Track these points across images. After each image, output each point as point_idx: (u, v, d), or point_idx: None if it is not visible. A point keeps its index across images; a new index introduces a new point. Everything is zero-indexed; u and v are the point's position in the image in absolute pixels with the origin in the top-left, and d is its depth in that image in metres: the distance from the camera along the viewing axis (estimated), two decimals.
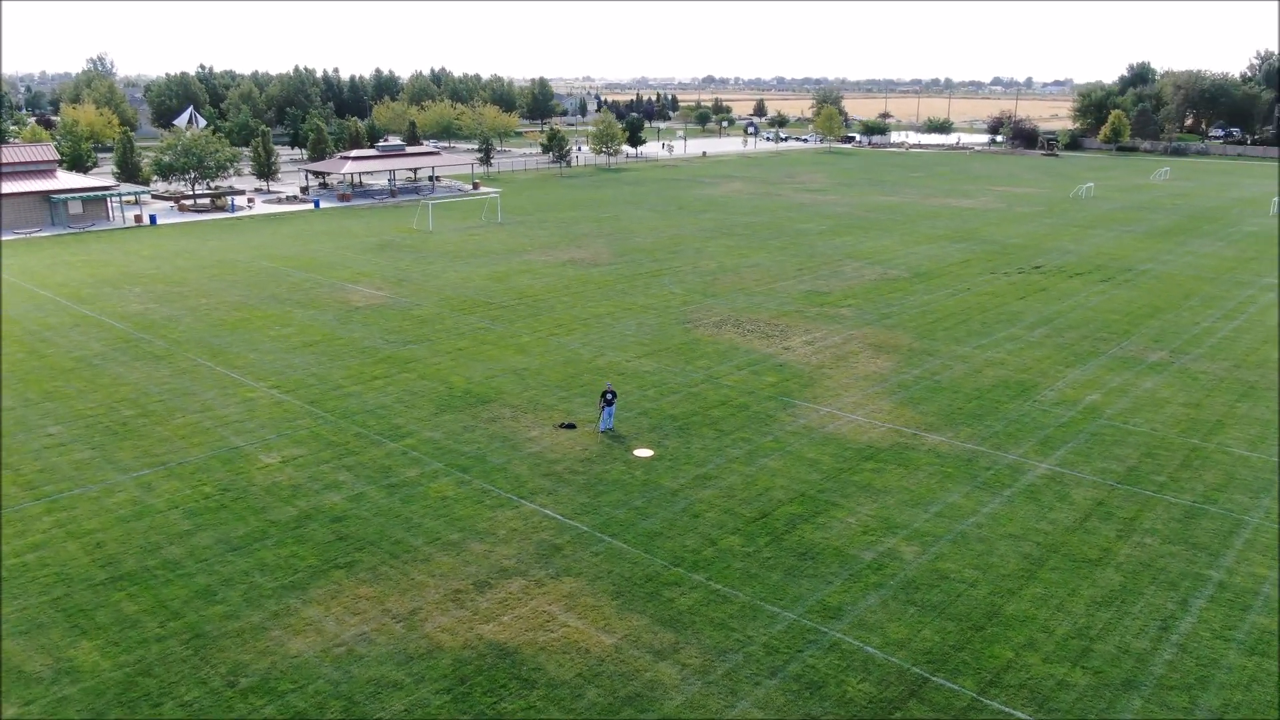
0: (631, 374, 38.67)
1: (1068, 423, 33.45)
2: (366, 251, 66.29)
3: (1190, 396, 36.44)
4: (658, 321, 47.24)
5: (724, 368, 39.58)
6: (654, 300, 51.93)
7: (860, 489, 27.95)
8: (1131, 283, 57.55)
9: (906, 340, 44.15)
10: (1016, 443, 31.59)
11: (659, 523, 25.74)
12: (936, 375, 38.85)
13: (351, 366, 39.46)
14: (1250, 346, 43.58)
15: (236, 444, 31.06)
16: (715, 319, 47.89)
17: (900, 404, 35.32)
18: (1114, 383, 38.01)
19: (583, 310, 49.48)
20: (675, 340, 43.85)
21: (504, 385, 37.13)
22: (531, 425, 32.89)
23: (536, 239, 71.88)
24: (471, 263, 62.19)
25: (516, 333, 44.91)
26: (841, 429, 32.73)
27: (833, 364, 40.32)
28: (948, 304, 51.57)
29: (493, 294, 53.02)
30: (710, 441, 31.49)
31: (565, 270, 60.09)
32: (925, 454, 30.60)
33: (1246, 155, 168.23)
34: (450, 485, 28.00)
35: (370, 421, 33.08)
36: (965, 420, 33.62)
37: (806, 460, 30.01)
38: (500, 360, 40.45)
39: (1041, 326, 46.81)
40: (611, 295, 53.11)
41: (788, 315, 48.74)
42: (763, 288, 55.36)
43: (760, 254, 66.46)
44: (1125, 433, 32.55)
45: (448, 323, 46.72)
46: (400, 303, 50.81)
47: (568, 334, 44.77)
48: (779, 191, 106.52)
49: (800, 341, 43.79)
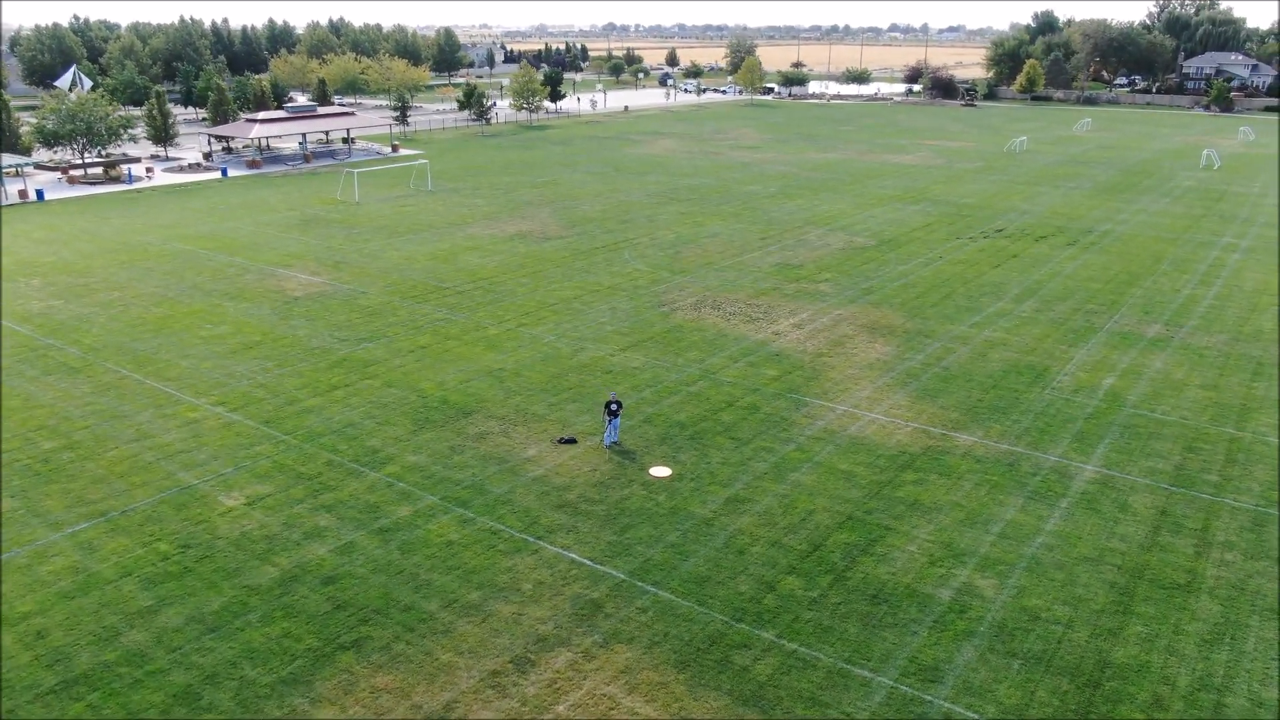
0: (621, 372, 35.32)
1: (1095, 413, 31.65)
2: (291, 228, 60.59)
3: (1204, 377, 35.14)
4: (631, 305, 43.83)
5: (717, 360, 36.57)
6: (619, 279, 48.41)
7: (908, 507, 25.46)
8: (1097, 246, 56.61)
9: (898, 319, 41.87)
10: (1051, 440, 29.59)
11: (703, 563, 22.74)
12: (942, 360, 36.66)
13: (304, 373, 34.99)
14: (1239, 316, 42.78)
15: (188, 482, 26.67)
16: (691, 300, 44.74)
17: (916, 397, 32.98)
18: (1123, 363, 36.48)
19: (546, 294, 45.64)
20: (656, 328, 40.58)
21: (483, 392, 33.34)
22: (527, 441, 29.34)
23: (476, 209, 67.12)
24: (411, 239, 57.32)
25: (480, 324, 40.91)
26: (865, 432, 30.18)
27: (830, 351, 37.73)
28: (925, 275, 49.54)
29: (443, 276, 48.60)
30: (730, 454, 28.54)
31: (515, 246, 55.88)
32: (962, 459, 28.32)
33: (1154, 104, 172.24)
34: (452, 525, 24.37)
35: (341, 445, 28.99)
36: (990, 415, 31.48)
37: (840, 473, 27.36)
38: (471, 360, 36.53)
39: (1028, 299, 45.17)
40: (572, 274, 49.33)
41: (766, 293, 45.91)
42: (730, 261, 52.36)
43: (716, 222, 63.35)
44: (1157, 424, 30.91)
45: (401, 314, 42.34)
46: (342, 290, 46.03)
47: (537, 324, 41.00)
48: (714, 150, 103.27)
49: (788, 325, 41.06)
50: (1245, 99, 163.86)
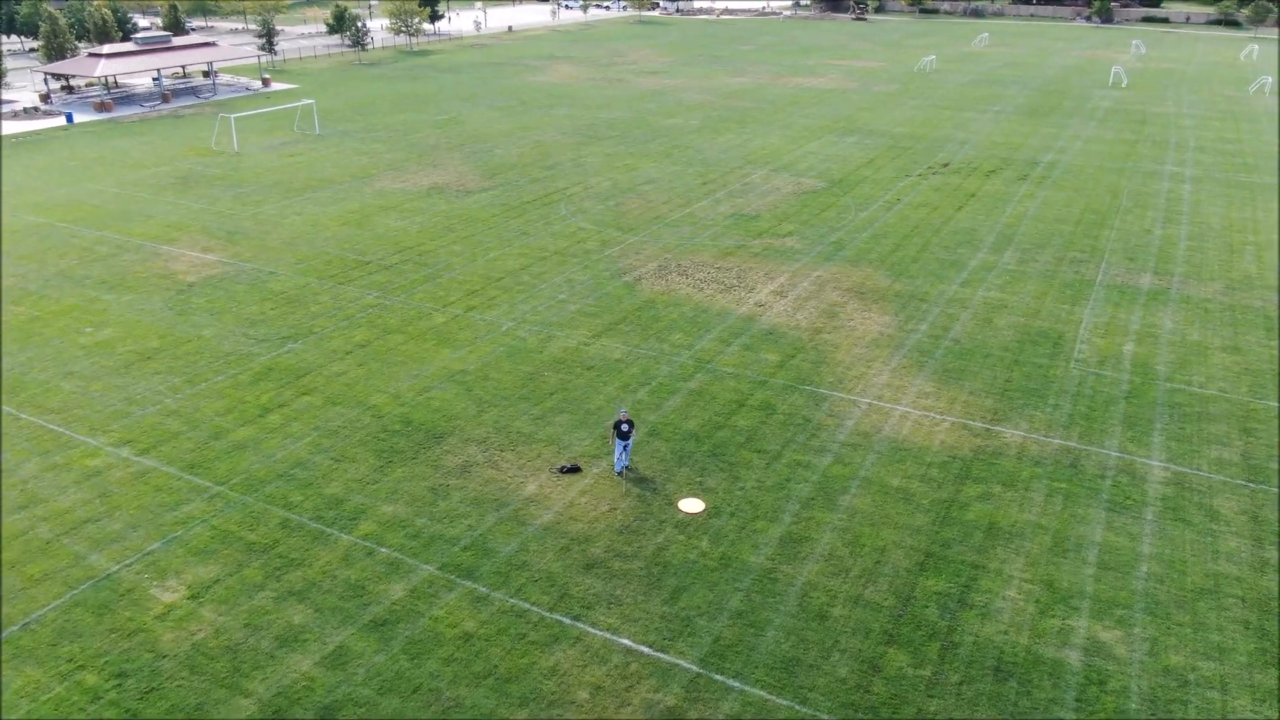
0: (602, 366, 30.68)
1: (1133, 391, 29.11)
2: (165, 189, 52.21)
3: (1221, 337, 33.15)
4: (589, 276, 38.87)
5: (707, 343, 32.33)
6: (564, 242, 43.19)
7: (986, 533, 22.19)
8: (1050, 180, 54.49)
9: (883, 280, 38.44)
10: (1101, 429, 26.86)
11: (783, 638, 18.91)
12: (949, 331, 33.49)
13: (224, 391, 28.94)
14: (1221, 260, 41.24)
15: (104, 568, 20.93)
16: (653, 265, 40.10)
17: (939, 381, 29.71)
18: (1134, 324, 34.16)
19: (487, 265, 40.11)
20: (625, 304, 35.89)
21: (450, 404, 28.19)
22: (521, 473, 24.61)
23: (378, 157, 59.78)
24: (311, 199, 50.12)
25: (422, 309, 35.28)
26: (901, 432, 26.72)
27: (826, 324, 34.01)
28: (891, 223, 46.21)
29: (362, 246, 42.25)
30: (763, 474, 24.60)
31: (434, 203, 49.55)
32: (1018, 460, 25.24)
33: (1038, 16, 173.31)
34: (464, 608, 19.69)
35: (293, 496, 23.58)
36: (1025, 400, 28.51)
37: (895, 492, 23.84)
38: (423, 360, 31.14)
39: (1006, 248, 42.46)
40: (509, 237, 43.77)
41: (732, 253, 41.67)
42: (679, 213, 47.71)
43: (648, 164, 58.24)
44: (1201, 401, 28.60)
45: (324, 300, 36.19)
46: (245, 271, 39.26)
47: (489, 305, 35.67)
48: (618, 76, 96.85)
49: (769, 293, 37.05)
50: (1122, 8, 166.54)
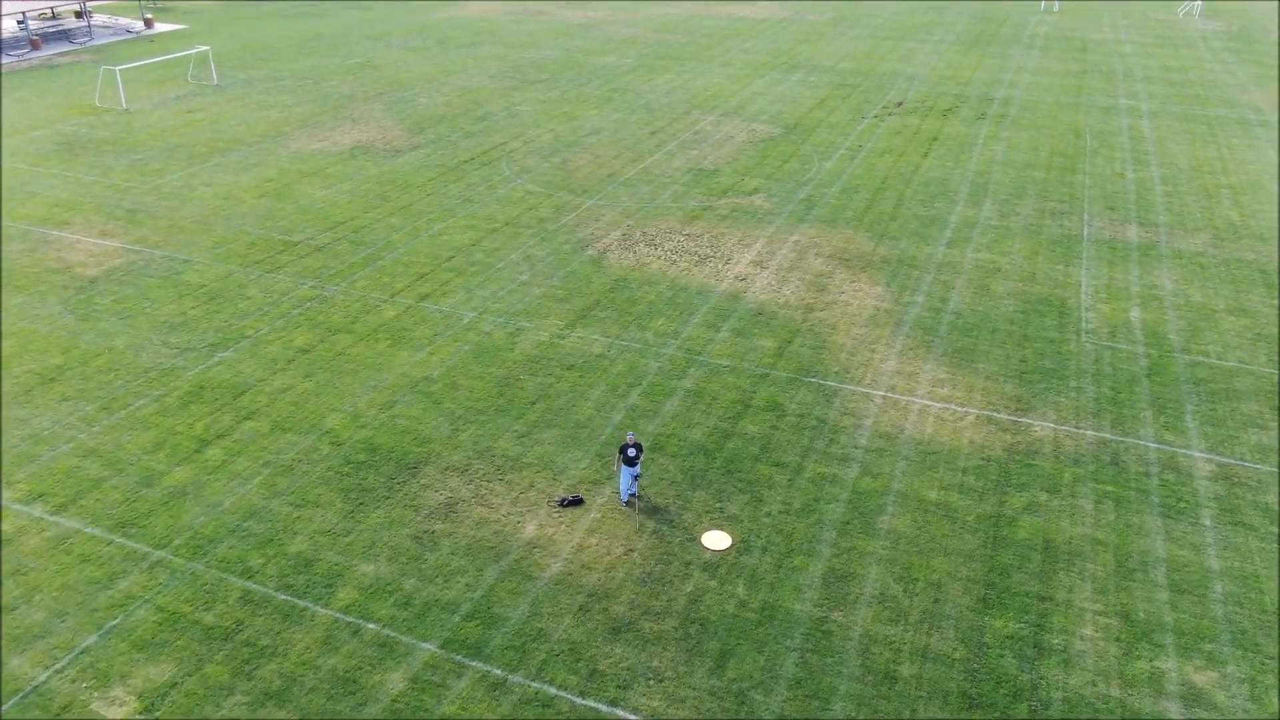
0: (583, 364, 27.54)
1: (1153, 367, 27.43)
2: (49, 158, 45.97)
3: (1224, 298, 31.75)
4: (548, 250, 35.30)
5: (694, 329, 29.42)
6: (514, 209, 39.34)
7: (1044, 555, 20.19)
8: (1009, 119, 52.48)
9: (865, 243, 35.93)
10: (1132, 414, 25.10)
11: (854, 708, 16.58)
12: (947, 302, 31.27)
13: (149, 420, 24.86)
14: (1201, 207, 39.94)
15: (30, 677, 17.26)
16: (616, 234, 36.72)
17: (951, 363, 27.52)
18: (1133, 285, 32.51)
19: (433, 242, 36.12)
20: (594, 284, 32.59)
21: (419, 423, 24.75)
22: (516, 508, 21.54)
23: (288, 111, 54.05)
24: (220, 165, 44.74)
25: (368, 300, 31.35)
26: (925, 430, 24.46)
27: (816, 300, 31.41)
28: (858, 175, 43.58)
29: (286, 223, 37.63)
30: (786, 492, 22.07)
31: (361, 166, 44.80)
32: (1056, 459, 23.28)
33: None
34: (480, 699, 16.76)
35: (253, 558, 20.07)
36: (1046, 383, 26.56)
37: (935, 508, 21.62)
38: (379, 366, 27.46)
39: (983, 199, 40.35)
40: (451, 205, 39.67)
41: (698, 216, 38.52)
42: (632, 170, 44.15)
43: (588, 112, 54.10)
44: (1224, 375, 27.09)
45: (253, 294, 31.87)
46: (155, 260, 34.44)
47: (443, 292, 31.93)
48: (539, 8, 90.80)
49: (747, 263, 34.19)
50: None
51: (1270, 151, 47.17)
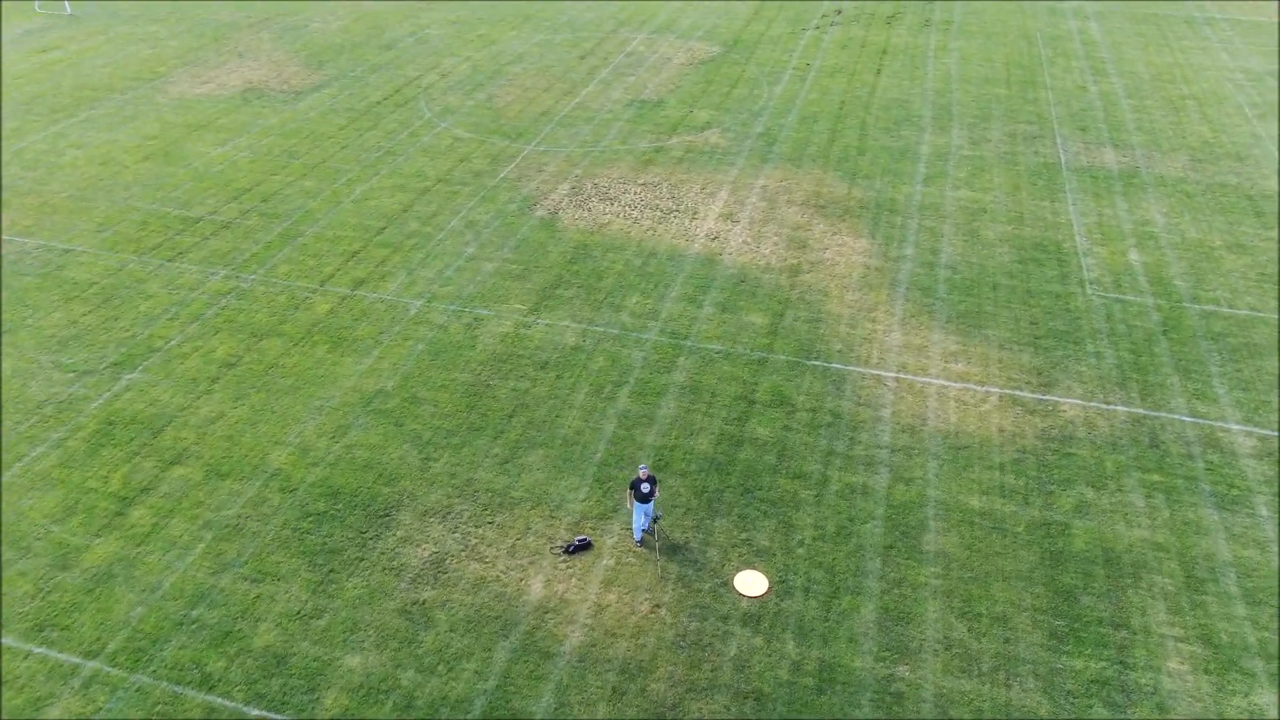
0: (558, 361, 24.34)
1: (1166, 323, 25.75)
2: None
3: (1219, 233, 30.25)
4: (492, 213, 31.40)
5: (673, 305, 26.41)
6: (444, 161, 34.99)
7: (1106, 569, 18.43)
8: (956, 27, 49.58)
9: (837, 185, 33.10)
10: (1159, 383, 23.43)
11: None
12: (938, 254, 28.92)
13: (52, 474, 20.76)
14: (1171, 124, 38.25)
15: None
16: (564, 188, 32.96)
17: (959, 331, 25.31)
18: (1125, 223, 30.70)
19: (358, 209, 31.73)
20: (551, 253, 29.05)
21: (382, 452, 21.33)
22: (515, 560, 18.63)
23: (161, 46, 47.22)
24: (90, 119, 38.60)
25: (295, 292, 27.20)
26: (949, 418, 22.30)
27: (800, 259, 28.65)
28: (813, 100, 40.35)
29: (181, 194, 32.54)
30: (815, 512, 19.71)
31: (256, 113, 39.30)
32: (1093, 446, 21.48)
33: None
34: None
35: (211, 660, 16.74)
36: (1062, 348, 24.64)
37: (980, 519, 19.60)
38: (322, 379, 23.71)
39: (949, 124, 37.76)
40: (372, 160, 35.05)
41: (652, 162, 34.95)
42: (567, 104, 39.92)
43: (506, 34, 48.93)
44: (1239, 326, 25.62)
45: (156, 290, 27.31)
46: (29, 252, 29.24)
47: (382, 277, 27.96)
48: None
49: (716, 218, 31.06)
50: None
51: (1223, 55, 45.69)
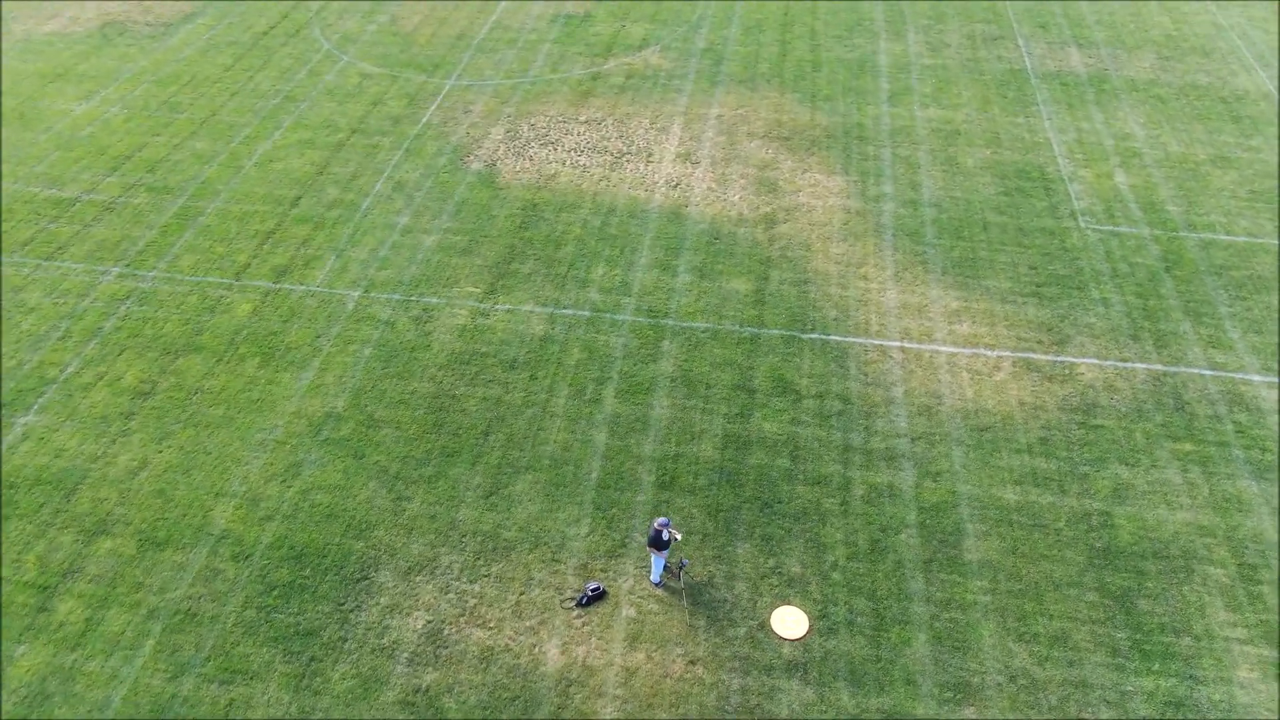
0: (527, 358, 21.62)
1: (1167, 259, 24.34)
2: None
3: (1201, 144, 28.76)
4: (422, 170, 27.71)
5: (645, 275, 23.74)
6: (354, 106, 30.74)
7: (1156, 563, 17.29)
8: None
9: (799, 111, 30.29)
10: (1171, 331, 22.14)
11: None
12: (919, 190, 26.74)
13: None
14: (1132, 16, 36.19)
15: None
16: (498, 132, 29.33)
17: (958, 285, 23.43)
18: (1104, 139, 28.93)
19: (265, 174, 27.59)
20: (498, 219, 25.80)
21: (346, 496, 18.55)
22: (523, 621, 16.43)
23: None
24: None
25: (208, 291, 23.46)
26: (965, 393, 20.61)
27: (774, 207, 26.11)
28: (760, 10, 36.80)
29: (46, 166, 27.72)
30: (843, 525, 17.96)
31: (123, 54, 33.77)
32: (1118, 416, 20.16)
33: None
34: None
35: None
36: (1068, 297, 23.05)
37: (1018, 515, 18.16)
38: (259, 404, 20.50)
39: (905, 29, 34.94)
40: (270, 109, 30.55)
41: (590, 93, 31.38)
42: (483, 24, 35.51)
43: None
44: (1240, 256, 24.38)
45: (37, 300, 23.19)
46: None
47: (308, 263, 24.35)
48: None
49: (672, 157, 28.07)
50: None
51: None
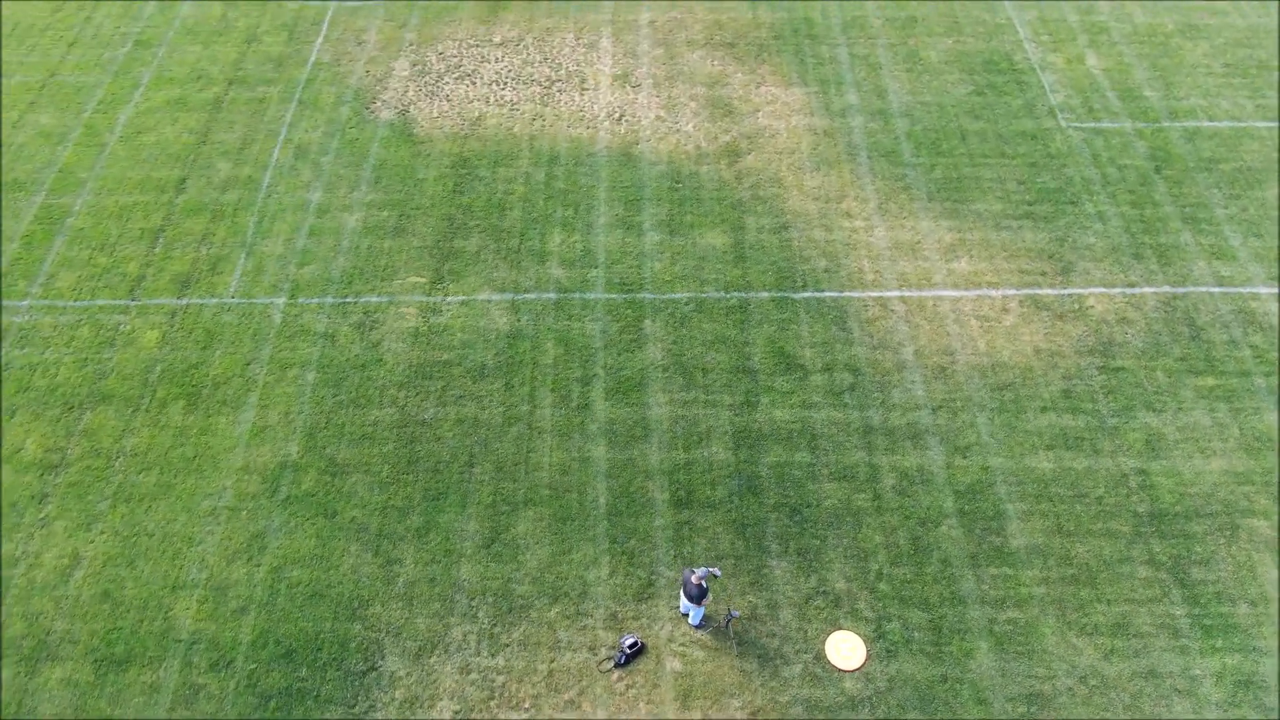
0: (496, 363, 19.12)
1: (1155, 157, 22.90)
2: None
3: (1173, 11, 26.90)
4: (322, 129, 23.80)
5: (605, 237, 21.15)
6: (223, 47, 26.07)
7: (1200, 524, 16.64)
8: None
9: (739, 9, 27.07)
10: (1172, 244, 20.98)
11: None
12: (886, 98, 24.36)
13: None
14: None
15: None
16: (401, 66, 25.38)
17: (948, 214, 21.62)
18: (1067, 13, 26.81)
19: (132, 149, 23.26)
20: (424, 182, 22.47)
21: (326, 567, 16.23)
22: (559, 695, 14.83)
23: None
24: None
25: (100, 318, 19.83)
26: (976, 344, 19.18)
27: (734, 135, 23.45)
28: None
29: None
30: (876, 523, 16.69)
31: None
32: (1136, 354, 19.12)
33: None
34: None
35: None
36: (1062, 213, 21.55)
37: (1055, 486, 17.16)
38: (197, 461, 17.60)
39: None
40: (121, 62, 25.67)
41: (501, 6, 27.30)
42: None
43: None
44: (1228, 146, 23.11)
45: None
46: None
47: (214, 267, 20.75)
48: None
49: (609, 81, 24.83)
50: None
51: None
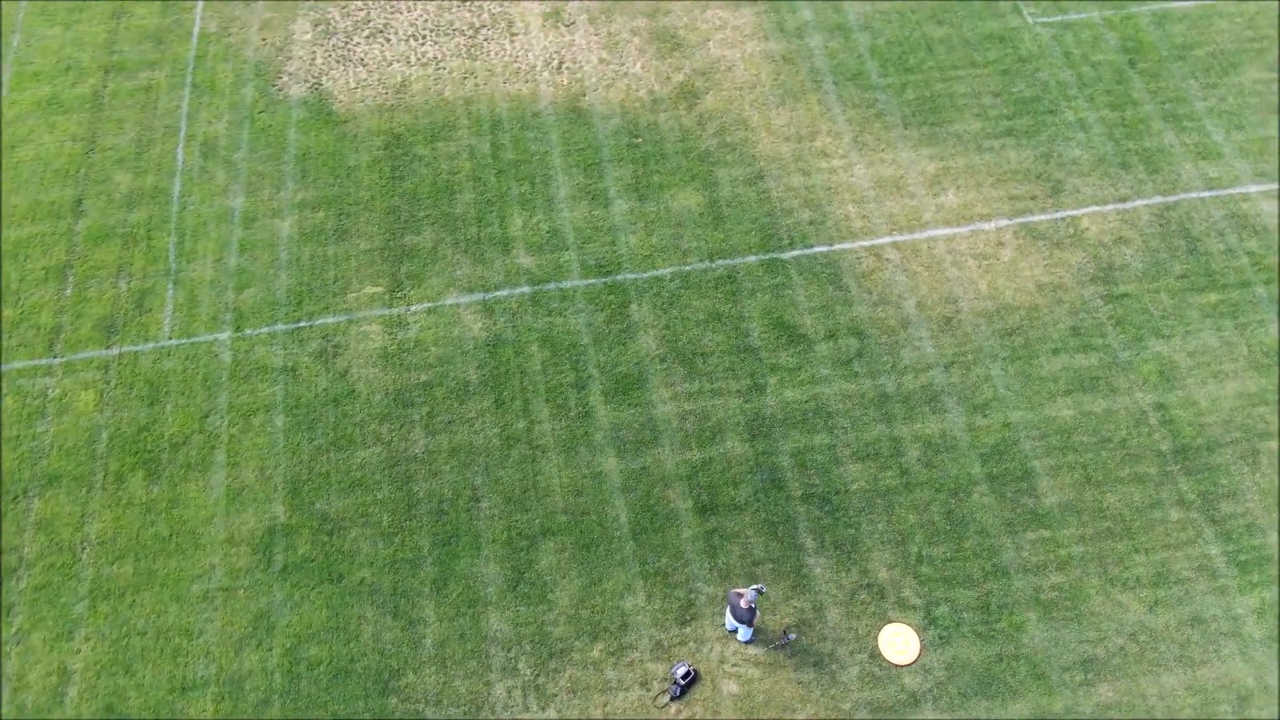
0: (481, 379, 17.66)
1: (1126, 48, 21.79)
2: None
3: None
4: (228, 118, 21.07)
5: (570, 213, 19.46)
6: (90, 26, 22.67)
7: (1228, 455, 16.55)
8: None
9: None
10: (1157, 148, 20.24)
11: None
12: (843, 9, 22.54)
13: None
14: None
15: None
16: (303, 30, 22.50)
17: (929, 142, 20.39)
18: None
19: (17, 170, 20.31)
20: (357, 169, 20.22)
21: (344, 640, 15.10)
22: None
23: None
24: None
25: (30, 389, 17.61)
26: (978, 285, 18.39)
27: (687, 70, 21.54)
28: None
29: None
30: (906, 501, 16.19)
31: None
32: (1137, 278, 18.59)
33: None
34: None
35: None
36: (1042, 126, 20.54)
37: (1078, 435, 16.80)
38: (176, 540, 16.02)
39: None
40: None
41: None
42: None
43: None
44: (1199, 28, 22.10)
45: None
46: None
47: (140, 304, 18.49)
48: None
49: (540, 23, 22.44)
50: None
51: None
